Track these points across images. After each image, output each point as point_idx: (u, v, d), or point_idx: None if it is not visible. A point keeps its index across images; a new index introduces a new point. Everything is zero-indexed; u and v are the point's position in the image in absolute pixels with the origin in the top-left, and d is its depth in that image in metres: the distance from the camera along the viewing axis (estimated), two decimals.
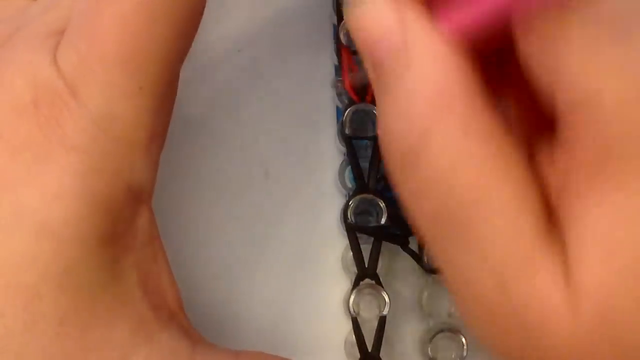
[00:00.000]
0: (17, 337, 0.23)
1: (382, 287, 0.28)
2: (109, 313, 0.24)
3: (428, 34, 0.19)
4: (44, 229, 0.23)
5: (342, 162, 0.29)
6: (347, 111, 0.28)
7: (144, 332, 0.24)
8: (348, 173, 0.29)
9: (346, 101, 0.30)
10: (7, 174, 0.23)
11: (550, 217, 0.19)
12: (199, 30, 0.27)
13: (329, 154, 0.31)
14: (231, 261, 0.30)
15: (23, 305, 0.23)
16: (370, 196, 0.28)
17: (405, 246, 0.29)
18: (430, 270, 0.28)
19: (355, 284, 0.28)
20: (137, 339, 0.24)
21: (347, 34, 0.28)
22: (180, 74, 0.28)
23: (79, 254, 0.23)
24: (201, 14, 0.24)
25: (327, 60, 0.31)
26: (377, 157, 0.28)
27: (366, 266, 0.28)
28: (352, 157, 0.28)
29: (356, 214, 0.28)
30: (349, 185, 0.29)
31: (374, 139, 0.28)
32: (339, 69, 0.30)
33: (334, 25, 0.29)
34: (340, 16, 0.28)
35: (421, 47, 0.19)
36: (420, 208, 0.20)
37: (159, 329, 0.25)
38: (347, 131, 0.28)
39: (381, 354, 0.28)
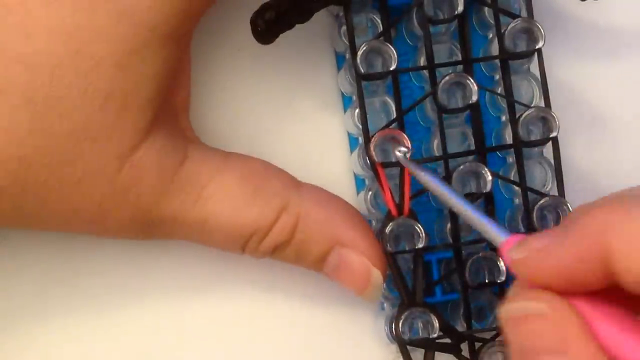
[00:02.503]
0: (69, 100, 0.25)
1: None
2: (143, 101, 0.26)
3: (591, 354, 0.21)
4: (126, 11, 0.25)
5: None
6: (388, 227, 0.28)
7: (155, 124, 0.27)
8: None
9: (374, 212, 0.30)
10: None
11: None
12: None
13: (331, 152, 0.32)
14: (229, 262, 0.30)
15: (84, 73, 0.25)
16: (420, 309, 0.28)
17: (458, 354, 0.29)
18: None
19: None
20: (152, 127, 0.27)
21: (378, 148, 0.28)
22: None
23: (145, 41, 0.26)
24: None
25: (327, 59, 0.32)
26: (420, 269, 0.28)
27: None
28: (397, 271, 0.28)
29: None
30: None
31: (416, 251, 0.28)
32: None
33: (363, 142, 0.29)
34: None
35: None
36: None
37: (163, 122, 0.27)
38: (388, 247, 0.28)
39: None
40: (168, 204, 0.27)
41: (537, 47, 0.29)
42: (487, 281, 0.29)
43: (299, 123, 0.32)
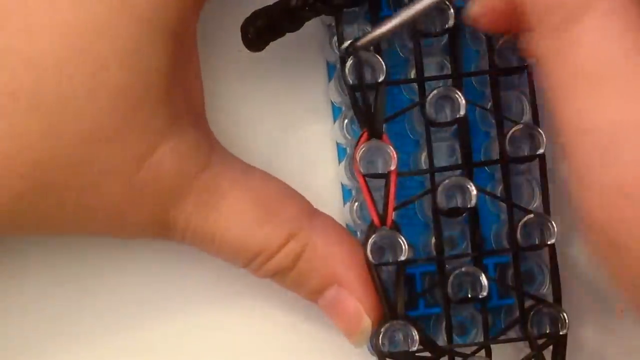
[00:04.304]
0: (79, 101, 0.25)
1: None
2: (155, 100, 0.26)
3: None
4: (125, 5, 0.25)
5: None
6: (371, 238, 0.28)
7: (177, 126, 0.27)
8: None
9: (359, 222, 0.30)
10: None
11: None
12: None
13: (320, 161, 0.32)
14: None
15: (91, 72, 0.25)
16: (401, 322, 0.28)
17: None
18: None
19: None
20: (171, 128, 0.27)
21: (363, 162, 0.28)
22: None
23: (148, 36, 0.26)
24: None
25: (319, 69, 0.32)
26: (401, 281, 0.28)
27: None
28: (379, 283, 0.28)
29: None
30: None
31: (398, 264, 0.28)
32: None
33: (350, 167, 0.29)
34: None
35: None
36: None
37: (188, 125, 0.27)
38: (371, 259, 0.28)
39: None
40: (182, 210, 0.27)
41: (527, 62, 0.29)
42: (469, 296, 0.29)
43: (288, 131, 0.32)
